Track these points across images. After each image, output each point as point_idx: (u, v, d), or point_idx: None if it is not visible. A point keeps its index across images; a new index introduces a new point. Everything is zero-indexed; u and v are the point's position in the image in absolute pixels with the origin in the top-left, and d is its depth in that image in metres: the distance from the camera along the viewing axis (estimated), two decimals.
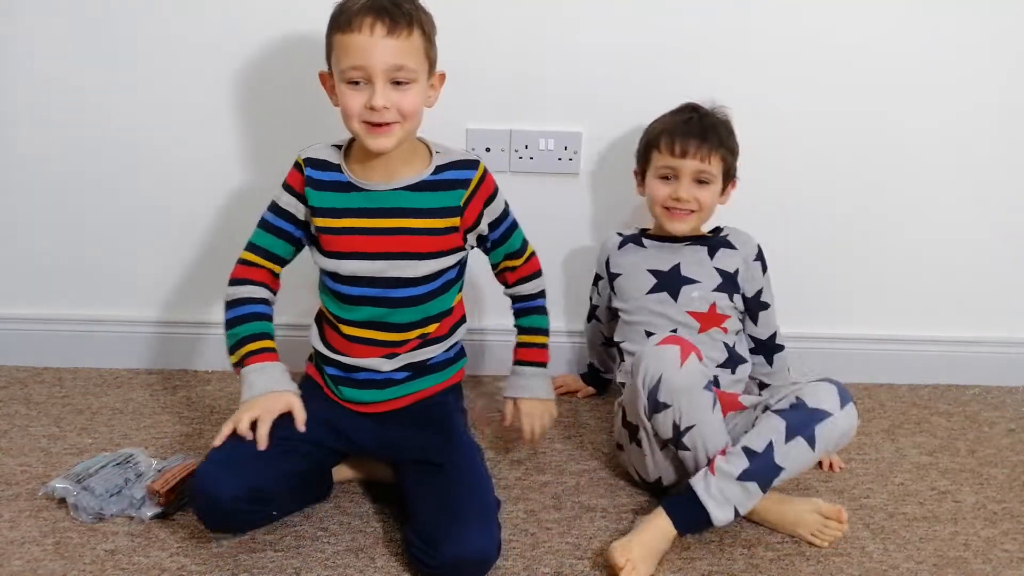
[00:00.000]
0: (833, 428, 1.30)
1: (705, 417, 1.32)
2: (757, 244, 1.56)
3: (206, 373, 1.82)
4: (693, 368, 1.31)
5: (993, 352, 1.89)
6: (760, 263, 1.56)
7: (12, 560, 1.27)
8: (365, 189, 1.33)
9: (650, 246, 1.58)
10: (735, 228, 1.58)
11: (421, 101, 1.30)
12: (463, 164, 1.37)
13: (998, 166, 1.76)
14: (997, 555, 1.37)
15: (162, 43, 1.63)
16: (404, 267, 1.34)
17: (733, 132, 1.54)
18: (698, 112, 1.53)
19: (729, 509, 1.30)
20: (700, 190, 1.50)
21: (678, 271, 1.53)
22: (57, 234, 1.76)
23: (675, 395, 1.31)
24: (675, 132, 1.49)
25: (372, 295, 1.35)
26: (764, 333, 1.57)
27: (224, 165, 1.71)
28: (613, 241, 1.63)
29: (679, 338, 1.36)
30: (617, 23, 1.63)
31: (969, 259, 1.83)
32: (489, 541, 1.24)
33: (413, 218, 1.33)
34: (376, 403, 1.39)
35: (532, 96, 1.68)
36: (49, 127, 1.68)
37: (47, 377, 1.79)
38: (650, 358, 1.33)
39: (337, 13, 1.27)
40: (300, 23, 1.61)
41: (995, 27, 1.67)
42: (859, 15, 1.65)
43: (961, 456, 1.64)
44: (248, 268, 1.39)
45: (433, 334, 1.40)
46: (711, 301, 1.51)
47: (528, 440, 1.47)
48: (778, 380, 1.59)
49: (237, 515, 1.27)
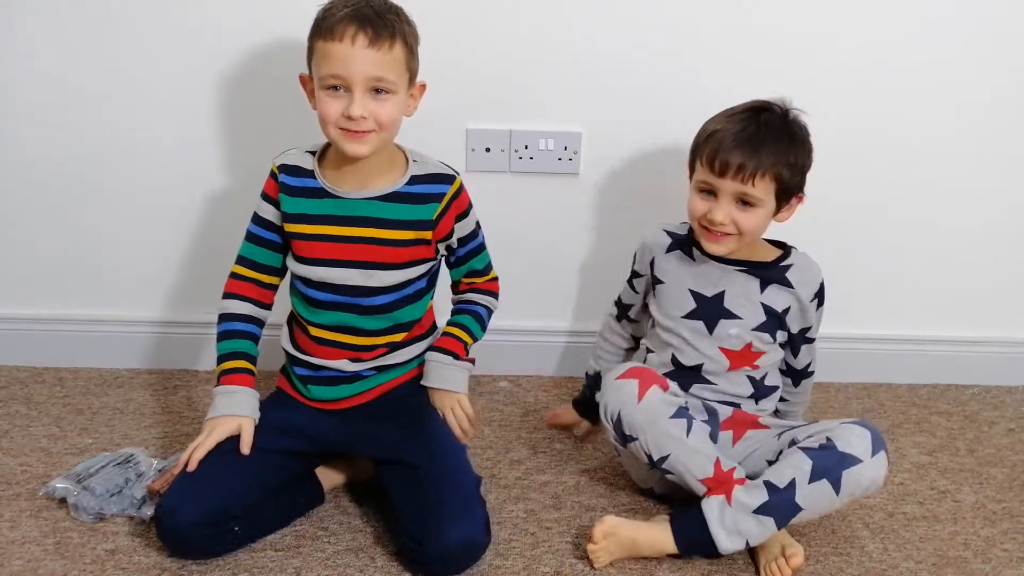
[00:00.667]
0: (861, 475, 1.24)
1: (677, 446, 1.29)
2: (821, 281, 1.41)
3: (206, 373, 1.82)
4: (653, 401, 1.29)
5: (993, 352, 1.89)
6: (817, 301, 1.41)
7: (12, 560, 1.28)
8: (337, 196, 1.34)
9: (700, 260, 1.41)
10: (805, 256, 1.42)
11: (399, 112, 1.30)
12: (439, 178, 1.36)
13: (998, 166, 1.76)
14: (997, 555, 1.37)
15: (163, 43, 1.63)
16: (372, 276, 1.35)
17: (801, 142, 1.33)
18: (758, 118, 1.31)
19: (740, 541, 1.27)
20: (742, 213, 1.31)
21: (721, 301, 1.39)
22: (57, 234, 1.76)
23: (637, 430, 1.29)
24: (721, 143, 1.29)
25: (341, 301, 1.36)
26: (801, 364, 1.47)
27: (225, 165, 1.71)
28: (661, 241, 1.46)
29: (640, 370, 1.32)
30: (617, 23, 1.63)
31: (969, 259, 1.83)
32: (473, 528, 1.25)
33: (383, 228, 1.34)
34: (344, 399, 1.40)
35: (532, 96, 1.68)
36: (48, 126, 1.68)
37: (47, 377, 1.79)
38: (609, 393, 1.31)
39: (320, 18, 1.27)
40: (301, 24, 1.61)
41: (995, 27, 1.66)
42: (858, 17, 1.65)
43: (961, 456, 1.64)
44: (237, 282, 1.41)
45: (401, 341, 1.41)
46: (748, 341, 1.39)
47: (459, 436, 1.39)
48: (796, 399, 1.51)
49: (201, 541, 1.26)
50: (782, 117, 1.33)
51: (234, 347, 1.38)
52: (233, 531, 1.28)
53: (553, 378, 1.86)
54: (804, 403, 1.54)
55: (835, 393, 1.85)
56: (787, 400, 1.52)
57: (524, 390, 1.81)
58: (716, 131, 1.31)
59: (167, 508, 1.25)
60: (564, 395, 1.79)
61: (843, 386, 1.88)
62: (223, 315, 1.40)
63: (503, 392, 1.80)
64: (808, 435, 1.30)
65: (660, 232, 1.47)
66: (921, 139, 1.73)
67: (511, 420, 1.70)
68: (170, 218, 1.75)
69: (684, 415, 1.30)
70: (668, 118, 1.66)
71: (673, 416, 1.29)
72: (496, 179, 1.70)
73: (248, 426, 1.32)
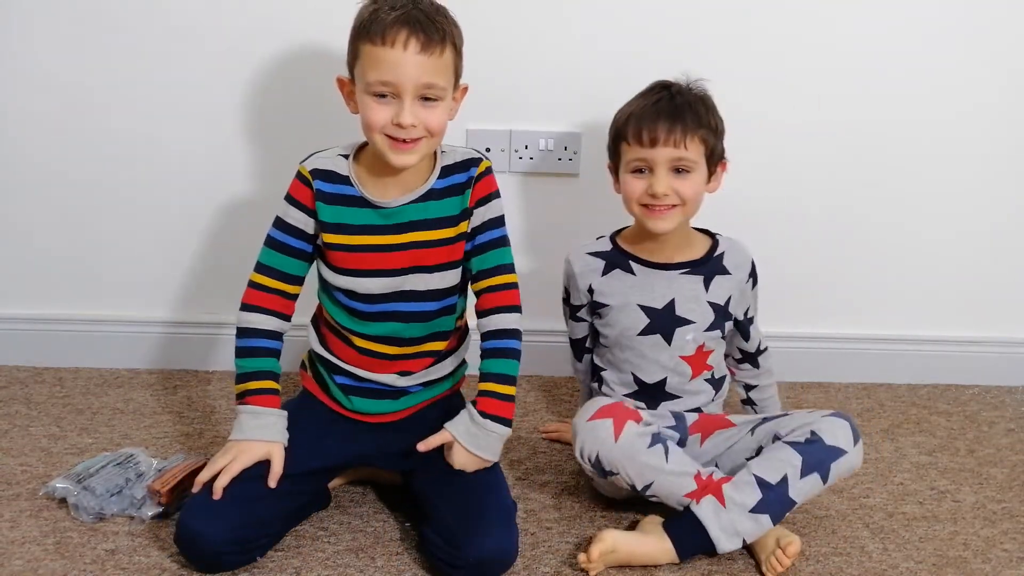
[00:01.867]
0: (845, 465, 1.30)
1: (658, 475, 1.29)
2: (751, 260, 1.44)
3: (206, 373, 1.82)
4: (631, 437, 1.29)
5: (993, 352, 1.89)
6: (752, 280, 1.45)
7: (13, 560, 1.27)
8: (377, 205, 1.29)
9: (639, 272, 1.41)
10: (730, 240, 1.45)
11: (447, 117, 1.27)
12: (466, 164, 1.32)
13: (998, 166, 1.76)
14: (997, 555, 1.37)
15: (165, 43, 1.64)
16: (417, 280, 1.31)
17: (713, 108, 1.36)
18: (669, 90, 1.35)
19: (738, 540, 1.28)
20: (680, 181, 1.33)
21: (673, 310, 1.39)
22: (58, 234, 1.76)
23: (617, 466, 1.29)
24: (643, 118, 1.32)
25: (389, 310, 1.32)
26: (753, 346, 1.49)
27: (226, 166, 1.71)
28: (592, 266, 1.42)
29: (611, 407, 1.31)
30: (617, 23, 1.64)
31: (969, 259, 1.83)
32: (510, 541, 1.25)
33: (425, 230, 1.30)
34: (389, 413, 1.37)
35: (532, 96, 1.68)
36: (50, 126, 1.69)
37: (47, 377, 1.79)
38: (584, 434, 1.30)
39: (367, 20, 1.21)
40: (306, 25, 1.61)
41: (994, 27, 1.67)
42: (856, 19, 1.65)
43: (960, 456, 1.64)
44: (258, 293, 1.32)
45: (444, 350, 1.38)
46: (701, 342, 1.41)
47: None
48: (765, 380, 1.53)
49: (219, 557, 1.23)
50: (688, 89, 1.36)
51: (259, 366, 1.31)
52: (253, 557, 1.26)
53: (553, 378, 1.86)
54: (773, 383, 1.54)
55: (835, 393, 1.85)
56: (756, 386, 1.53)
57: (524, 390, 1.81)
58: (634, 111, 1.34)
59: (192, 532, 1.21)
60: (564, 395, 1.79)
61: (843, 386, 1.88)
62: (245, 329, 1.32)
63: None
64: (791, 429, 1.32)
65: (585, 256, 1.44)
66: (921, 141, 1.74)
67: None
68: (171, 219, 1.75)
69: (659, 441, 1.31)
70: None
71: (650, 446, 1.30)
72: (496, 179, 1.70)
73: (278, 454, 1.26)
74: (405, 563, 1.30)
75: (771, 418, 1.39)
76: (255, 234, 1.75)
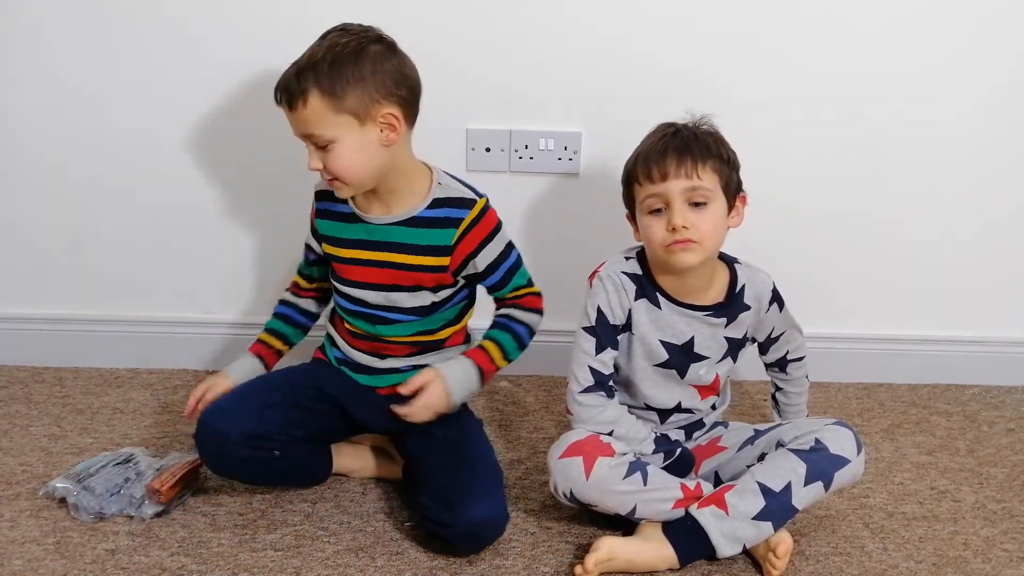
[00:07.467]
0: (848, 474, 1.30)
1: (639, 498, 1.29)
2: (771, 289, 1.40)
3: (206, 373, 1.82)
4: (602, 474, 1.28)
5: (993, 352, 1.89)
6: (776, 306, 1.41)
7: (13, 559, 1.28)
8: (366, 221, 1.37)
9: (665, 308, 1.37)
10: (748, 268, 1.40)
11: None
12: (459, 202, 1.35)
13: (998, 166, 1.76)
14: (997, 554, 1.37)
15: (167, 42, 1.63)
16: (397, 299, 1.38)
17: (723, 140, 1.33)
18: (675, 128, 1.33)
19: (738, 546, 1.28)
20: (698, 215, 1.27)
21: (691, 347, 1.38)
22: (58, 234, 1.76)
23: (594, 499, 1.30)
24: (651, 155, 1.29)
25: (367, 313, 1.40)
26: (777, 356, 1.48)
27: (227, 166, 1.71)
28: (627, 285, 1.36)
29: (581, 443, 1.30)
30: (617, 23, 1.63)
31: (969, 259, 1.83)
32: (501, 507, 1.30)
33: (406, 253, 1.35)
34: (377, 387, 1.44)
35: (532, 96, 1.68)
36: (50, 126, 1.69)
37: (47, 377, 1.79)
38: (556, 472, 1.31)
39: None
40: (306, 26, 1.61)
41: (993, 27, 1.67)
42: (856, 19, 1.65)
43: (960, 456, 1.64)
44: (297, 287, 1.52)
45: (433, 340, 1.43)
46: (715, 373, 1.42)
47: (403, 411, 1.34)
48: (792, 388, 1.52)
49: (241, 452, 1.32)
50: (696, 127, 1.33)
51: (270, 324, 1.50)
52: (273, 455, 1.34)
53: (553, 378, 1.86)
54: (802, 392, 1.52)
55: (835, 393, 1.85)
56: (782, 389, 1.53)
57: (524, 390, 1.82)
58: (641, 152, 1.32)
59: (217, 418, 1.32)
60: (563, 395, 1.79)
61: (843, 386, 1.88)
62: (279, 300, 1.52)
63: (503, 392, 1.80)
64: (794, 436, 1.32)
65: (622, 275, 1.37)
66: (921, 141, 1.73)
67: (511, 420, 1.70)
68: (170, 219, 1.75)
69: (636, 468, 1.30)
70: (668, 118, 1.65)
71: (627, 476, 1.29)
72: (496, 179, 1.70)
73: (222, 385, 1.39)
74: (405, 563, 1.30)
75: (763, 431, 1.39)
76: (255, 234, 1.77)
